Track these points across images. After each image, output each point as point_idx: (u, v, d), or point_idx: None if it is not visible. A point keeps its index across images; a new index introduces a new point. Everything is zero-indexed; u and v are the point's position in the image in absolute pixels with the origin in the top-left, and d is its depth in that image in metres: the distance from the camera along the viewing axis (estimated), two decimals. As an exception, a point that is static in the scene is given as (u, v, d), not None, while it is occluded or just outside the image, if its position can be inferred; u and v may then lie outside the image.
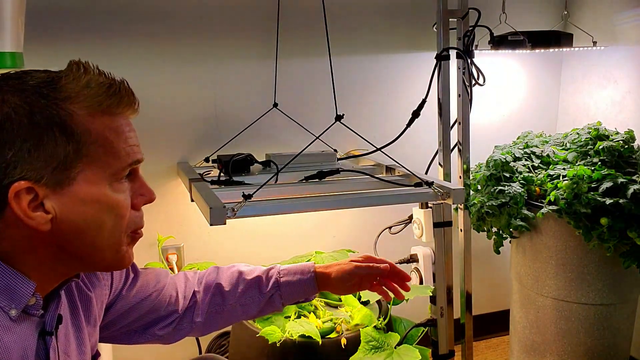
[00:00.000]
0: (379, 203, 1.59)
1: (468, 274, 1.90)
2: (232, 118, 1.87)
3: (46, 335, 0.75)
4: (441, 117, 1.75)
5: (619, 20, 2.02)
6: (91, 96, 0.70)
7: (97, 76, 0.72)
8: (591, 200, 1.54)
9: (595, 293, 1.69)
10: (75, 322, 0.85)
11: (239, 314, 1.09)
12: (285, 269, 1.11)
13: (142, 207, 0.81)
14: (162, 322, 1.03)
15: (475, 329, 2.00)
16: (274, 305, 1.10)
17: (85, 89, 0.70)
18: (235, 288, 1.08)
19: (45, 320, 0.76)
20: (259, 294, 1.09)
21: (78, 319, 0.85)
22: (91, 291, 0.88)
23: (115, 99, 0.73)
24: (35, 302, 0.72)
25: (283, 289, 1.09)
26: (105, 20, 1.72)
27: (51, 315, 0.76)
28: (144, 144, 0.85)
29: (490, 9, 1.96)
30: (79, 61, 0.72)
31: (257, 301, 1.09)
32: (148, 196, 0.80)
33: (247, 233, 1.94)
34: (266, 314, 1.13)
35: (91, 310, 0.88)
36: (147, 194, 0.80)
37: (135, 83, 1.92)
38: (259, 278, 1.10)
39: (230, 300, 1.08)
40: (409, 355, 1.47)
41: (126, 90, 0.75)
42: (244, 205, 1.27)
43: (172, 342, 1.07)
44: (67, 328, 0.82)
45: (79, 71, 0.71)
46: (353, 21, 1.97)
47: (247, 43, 1.87)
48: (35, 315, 0.74)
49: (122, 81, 0.75)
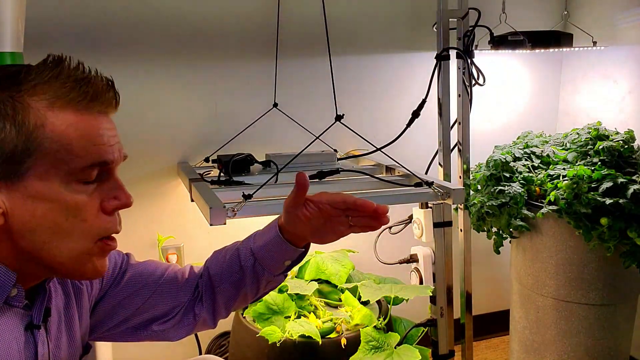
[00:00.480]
0: (379, 203, 1.59)
1: (468, 274, 1.90)
2: (232, 118, 1.87)
3: (34, 329, 0.74)
4: (441, 117, 1.75)
5: (619, 20, 2.02)
6: (54, 89, 0.67)
7: (69, 70, 0.69)
8: (591, 200, 1.54)
9: (595, 293, 1.69)
10: (68, 314, 0.84)
11: (235, 295, 1.00)
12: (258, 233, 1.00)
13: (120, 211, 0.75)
14: (164, 317, 0.98)
15: (475, 329, 2.00)
16: (261, 276, 0.98)
17: (49, 82, 0.67)
18: (221, 268, 1.01)
19: (33, 313, 0.75)
20: (240, 269, 0.99)
21: (71, 310, 0.84)
22: (83, 285, 0.87)
23: (83, 94, 0.69)
24: (17, 293, 0.71)
25: (258, 254, 0.98)
26: (105, 21, 1.72)
27: (38, 308, 0.75)
28: (144, 144, 0.84)
29: (490, 9, 1.96)
30: (56, 55, 0.70)
31: (241, 277, 0.99)
32: (122, 201, 0.74)
33: (247, 233, 1.93)
34: (267, 289, 1.02)
35: (82, 302, 0.87)
36: (122, 199, 0.74)
37: (136, 83, 1.92)
38: (237, 250, 1.01)
39: (219, 283, 1.00)
40: (409, 355, 1.47)
41: (102, 86, 0.71)
42: (244, 205, 1.27)
43: (178, 338, 1.01)
44: (60, 320, 0.81)
45: (51, 64, 0.69)
46: (353, 21, 1.97)
47: (247, 43, 1.87)
48: (18, 306, 0.72)
49: (99, 77, 0.71)
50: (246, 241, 1.02)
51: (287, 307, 1.61)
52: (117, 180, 0.74)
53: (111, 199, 0.73)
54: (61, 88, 0.68)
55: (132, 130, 1.77)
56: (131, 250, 1.95)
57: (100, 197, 0.72)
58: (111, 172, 0.74)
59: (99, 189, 0.72)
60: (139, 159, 1.80)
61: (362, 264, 1.99)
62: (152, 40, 1.77)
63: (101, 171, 0.72)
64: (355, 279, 1.80)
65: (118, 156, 0.74)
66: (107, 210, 0.73)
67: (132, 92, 1.76)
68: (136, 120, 1.78)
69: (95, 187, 0.72)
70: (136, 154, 1.79)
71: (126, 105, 1.74)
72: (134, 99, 1.77)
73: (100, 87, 0.70)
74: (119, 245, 0.76)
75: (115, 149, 0.73)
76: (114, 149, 0.73)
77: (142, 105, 1.78)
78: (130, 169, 1.79)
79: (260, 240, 0.98)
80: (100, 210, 0.72)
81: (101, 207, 0.72)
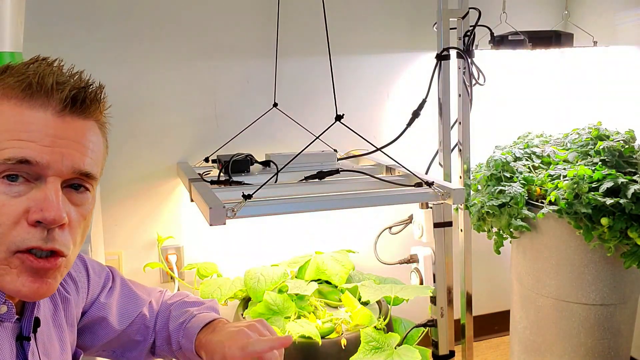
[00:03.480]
0: (379, 203, 1.59)
1: (468, 274, 1.90)
2: (232, 118, 1.86)
3: (23, 340, 0.72)
4: (441, 117, 1.75)
5: (619, 20, 2.02)
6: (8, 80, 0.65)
7: (34, 64, 0.66)
8: (592, 201, 1.54)
9: (595, 293, 1.69)
10: (57, 322, 0.82)
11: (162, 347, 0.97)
12: (197, 317, 0.93)
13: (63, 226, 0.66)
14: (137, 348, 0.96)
15: (476, 329, 1.99)
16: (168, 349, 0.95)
17: (12, 74, 0.65)
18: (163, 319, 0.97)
19: (22, 325, 0.72)
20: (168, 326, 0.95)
21: (59, 319, 0.83)
22: (70, 294, 0.86)
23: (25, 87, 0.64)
24: (6, 310, 0.68)
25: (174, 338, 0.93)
26: (105, 21, 1.72)
27: (27, 319, 0.73)
28: (143, 144, 0.81)
29: (491, 8, 1.96)
30: (40, 56, 0.68)
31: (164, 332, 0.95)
32: (46, 214, 0.63)
33: (247, 233, 1.94)
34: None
35: (70, 311, 0.85)
36: (47, 211, 0.63)
37: (135, 83, 1.92)
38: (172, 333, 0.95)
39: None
40: (409, 355, 1.47)
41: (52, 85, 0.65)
42: (244, 205, 1.26)
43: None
44: (49, 328, 0.80)
45: (30, 60, 0.67)
46: (353, 21, 1.97)
47: (247, 43, 1.86)
48: (10, 322, 0.70)
49: (62, 76, 0.66)
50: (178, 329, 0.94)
51: (287, 307, 1.60)
52: (50, 190, 0.64)
53: (37, 209, 0.63)
54: (12, 79, 0.65)
55: (132, 130, 1.77)
56: (131, 250, 1.96)
57: (28, 203, 0.64)
58: (45, 179, 0.64)
59: (29, 195, 0.64)
60: (138, 159, 1.80)
61: (362, 264, 1.98)
62: (152, 40, 1.77)
63: (34, 174, 0.64)
64: (355, 280, 1.80)
65: (56, 161, 0.64)
66: (29, 220, 0.63)
67: (131, 91, 1.76)
68: (136, 120, 1.78)
69: (23, 191, 0.64)
70: (136, 154, 1.79)
71: (126, 105, 1.75)
72: (134, 99, 1.76)
73: (44, 83, 0.65)
74: (119, 245, 0.73)
75: (54, 152, 0.64)
76: (50, 152, 0.64)
77: (142, 105, 1.78)
78: (130, 169, 1.79)
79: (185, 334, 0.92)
80: (25, 218, 0.63)
81: (25, 215, 0.64)
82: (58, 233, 0.65)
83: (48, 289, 0.66)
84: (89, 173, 0.68)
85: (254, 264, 1.78)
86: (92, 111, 0.69)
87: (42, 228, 0.64)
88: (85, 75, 0.69)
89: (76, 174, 0.67)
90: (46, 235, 0.64)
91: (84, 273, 0.91)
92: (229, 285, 1.70)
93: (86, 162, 0.68)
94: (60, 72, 0.67)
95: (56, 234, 0.65)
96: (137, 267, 1.81)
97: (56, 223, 0.64)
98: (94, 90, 0.69)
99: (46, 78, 0.65)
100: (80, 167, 0.67)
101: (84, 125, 0.68)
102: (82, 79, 0.68)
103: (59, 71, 0.67)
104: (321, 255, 1.81)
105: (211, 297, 1.65)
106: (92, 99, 0.68)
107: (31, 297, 0.67)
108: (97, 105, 0.70)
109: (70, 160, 0.66)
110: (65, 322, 0.84)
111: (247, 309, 1.69)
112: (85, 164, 0.67)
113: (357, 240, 2.04)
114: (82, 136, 0.67)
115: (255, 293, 1.65)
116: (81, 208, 0.69)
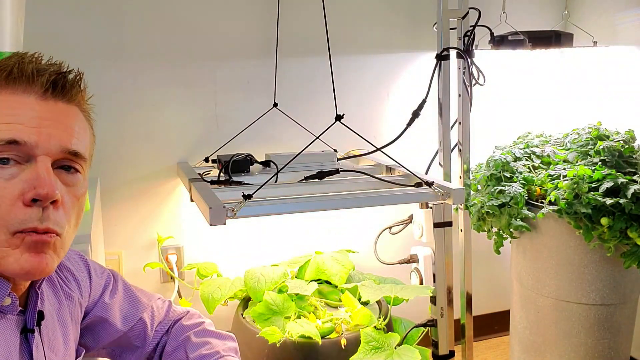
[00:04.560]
0: (379, 203, 1.59)
1: (468, 274, 1.90)
2: (232, 118, 1.86)
3: (27, 333, 0.73)
4: (441, 117, 1.75)
5: (619, 20, 2.02)
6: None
7: (19, 55, 0.70)
8: (591, 200, 1.54)
9: (595, 293, 1.69)
10: (61, 318, 0.83)
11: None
12: None
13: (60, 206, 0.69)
14: (137, 352, 0.96)
15: (476, 329, 2.00)
16: None
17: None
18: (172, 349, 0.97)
19: (26, 318, 0.74)
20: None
21: (64, 315, 0.84)
22: (73, 292, 0.87)
23: (9, 72, 0.68)
24: (10, 302, 0.70)
25: None
26: (105, 20, 1.72)
27: (31, 312, 0.74)
28: (143, 144, 0.82)
29: (491, 8, 1.96)
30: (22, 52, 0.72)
31: None
32: (39, 190, 0.65)
33: (247, 233, 1.94)
34: None
35: (74, 309, 0.87)
36: (40, 188, 0.66)
37: (135, 83, 1.92)
38: None
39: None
40: (409, 355, 1.47)
41: (34, 69, 0.68)
42: (244, 205, 1.26)
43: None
44: (54, 323, 0.81)
45: (10, 56, 0.70)
46: (353, 21, 1.97)
47: (247, 43, 1.86)
48: (13, 314, 0.72)
49: (45, 63, 0.70)
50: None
51: (287, 307, 1.60)
52: (41, 168, 0.67)
53: (30, 187, 0.66)
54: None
55: (132, 130, 1.77)
56: (131, 250, 1.96)
57: (21, 185, 0.66)
58: (35, 159, 0.67)
59: (22, 176, 0.66)
60: (138, 159, 1.80)
61: (362, 264, 1.98)
62: (152, 40, 1.77)
63: (24, 155, 0.67)
64: (355, 279, 1.80)
65: (44, 141, 0.67)
66: (24, 201, 0.66)
67: (132, 91, 1.76)
68: (136, 120, 1.78)
69: (15, 173, 0.66)
70: (136, 154, 1.79)
71: (126, 105, 1.75)
72: (134, 99, 1.77)
73: (25, 68, 0.68)
74: (119, 245, 0.74)
75: (40, 132, 0.67)
76: (37, 132, 0.67)
77: (142, 105, 1.78)
78: (130, 169, 1.79)
79: None
80: (20, 200, 0.66)
81: (20, 196, 0.66)
82: (52, 212, 0.67)
83: (47, 264, 0.68)
84: (77, 152, 0.71)
85: (254, 264, 1.79)
86: (74, 95, 0.72)
87: (38, 207, 0.66)
88: (65, 65, 0.73)
89: (64, 154, 0.69)
90: (41, 215, 0.67)
91: (85, 273, 0.92)
92: (229, 285, 1.70)
93: (73, 142, 0.70)
94: (38, 62, 0.70)
95: (50, 213, 0.67)
96: (137, 267, 1.81)
97: (49, 198, 0.66)
98: (74, 77, 0.72)
99: (26, 65, 0.68)
100: (67, 146, 0.69)
101: (67, 108, 0.72)
102: (60, 67, 0.71)
103: (37, 61, 0.71)
104: (321, 255, 1.81)
105: (211, 297, 1.65)
106: (72, 84, 0.72)
107: (33, 273, 0.68)
108: (78, 89, 0.73)
109: (58, 139, 0.68)
110: (69, 319, 0.85)
111: (247, 308, 1.69)
112: (72, 143, 0.70)
113: (357, 240, 2.04)
114: (67, 117, 0.71)
115: (255, 293, 1.65)
116: (73, 189, 0.72)
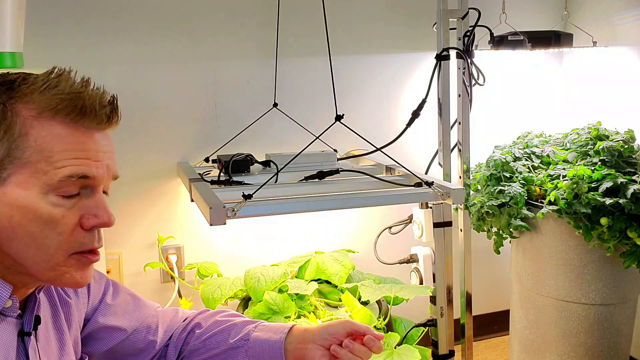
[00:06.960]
0: (379, 203, 1.60)
1: (468, 274, 1.90)
2: (232, 118, 1.86)
3: (24, 336, 0.75)
4: (441, 117, 1.75)
5: (619, 20, 2.02)
6: (45, 100, 0.68)
7: (66, 83, 0.70)
8: (591, 200, 1.54)
9: (595, 293, 1.69)
10: (57, 325, 0.84)
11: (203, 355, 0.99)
12: (266, 325, 0.99)
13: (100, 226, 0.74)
14: (140, 356, 0.97)
15: (475, 329, 2.00)
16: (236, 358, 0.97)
17: (43, 92, 0.68)
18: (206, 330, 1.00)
19: (24, 321, 0.76)
20: (224, 340, 0.97)
21: (59, 322, 0.84)
22: (70, 298, 0.87)
23: (72, 107, 0.69)
24: (11, 304, 0.72)
25: (251, 343, 0.96)
26: (106, 20, 1.72)
27: (28, 315, 0.76)
28: (144, 144, 0.83)
29: (490, 9, 1.96)
30: (60, 68, 0.71)
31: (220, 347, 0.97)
32: (102, 219, 0.73)
33: (247, 233, 1.94)
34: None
35: (72, 315, 0.87)
36: (102, 217, 0.73)
37: (136, 83, 1.92)
38: (234, 325, 0.99)
39: (196, 340, 0.99)
40: (409, 355, 1.47)
41: (95, 102, 0.71)
42: (244, 205, 1.27)
43: None
44: (48, 329, 0.82)
45: (51, 75, 0.70)
46: (353, 21, 1.97)
47: (247, 43, 1.87)
48: (12, 316, 0.74)
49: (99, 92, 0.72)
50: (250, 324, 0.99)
51: (287, 307, 1.60)
52: (100, 197, 0.74)
53: (91, 216, 0.72)
54: (52, 99, 0.68)
55: (132, 130, 1.77)
56: (131, 250, 1.96)
57: (80, 212, 0.71)
58: (95, 189, 0.73)
59: (80, 204, 0.72)
60: (139, 159, 1.80)
61: (362, 264, 1.98)
62: (152, 40, 1.77)
63: (84, 186, 0.71)
64: (355, 279, 1.80)
65: (104, 173, 0.73)
66: (85, 227, 0.72)
67: (132, 92, 1.76)
68: (136, 120, 1.78)
69: (76, 202, 0.71)
70: (136, 154, 1.79)
71: (126, 105, 1.75)
72: (134, 99, 1.77)
73: (93, 102, 0.70)
74: (119, 245, 0.76)
75: (102, 165, 0.72)
76: (100, 165, 0.72)
77: (142, 105, 1.78)
78: (131, 169, 1.79)
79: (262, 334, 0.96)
80: (79, 225, 0.71)
81: (80, 222, 0.72)
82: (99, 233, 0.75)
83: (91, 276, 0.76)
84: (117, 177, 0.78)
85: (254, 264, 1.79)
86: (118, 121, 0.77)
87: (95, 231, 0.74)
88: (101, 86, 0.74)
89: (110, 180, 0.77)
90: (97, 237, 0.74)
91: None
92: (229, 285, 1.70)
93: (115, 168, 0.77)
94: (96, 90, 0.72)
95: (100, 233, 0.75)
96: (137, 267, 1.81)
97: (109, 225, 0.74)
98: (116, 103, 0.75)
99: (91, 99, 0.71)
100: (115, 173, 0.77)
101: (109, 133, 0.76)
102: (106, 93, 0.74)
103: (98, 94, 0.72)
104: (321, 255, 1.81)
105: (211, 297, 1.65)
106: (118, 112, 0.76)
107: (82, 284, 0.75)
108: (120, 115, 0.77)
109: (112, 170, 0.75)
110: (65, 325, 0.85)
111: (247, 308, 1.69)
112: (116, 169, 0.77)
113: (357, 240, 2.04)
114: (111, 144, 0.76)
115: (255, 293, 1.65)
116: None
